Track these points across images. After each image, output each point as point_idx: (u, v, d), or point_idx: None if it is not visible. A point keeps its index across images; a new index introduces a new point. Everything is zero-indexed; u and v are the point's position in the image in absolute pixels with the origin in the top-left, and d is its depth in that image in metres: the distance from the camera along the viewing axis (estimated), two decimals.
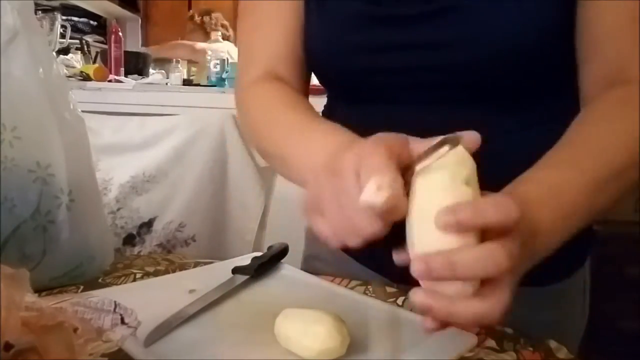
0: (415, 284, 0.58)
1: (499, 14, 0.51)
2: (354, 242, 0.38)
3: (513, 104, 0.57)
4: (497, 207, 0.34)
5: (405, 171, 0.38)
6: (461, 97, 0.57)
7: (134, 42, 4.00)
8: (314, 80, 0.72)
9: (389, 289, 0.64)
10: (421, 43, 0.55)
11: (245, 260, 0.69)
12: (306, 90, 0.69)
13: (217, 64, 1.79)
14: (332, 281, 0.66)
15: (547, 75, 0.55)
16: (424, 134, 0.60)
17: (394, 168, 0.36)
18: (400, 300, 0.61)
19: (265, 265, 0.67)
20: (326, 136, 0.50)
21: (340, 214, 0.38)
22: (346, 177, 0.37)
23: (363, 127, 0.64)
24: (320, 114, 0.74)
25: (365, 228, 0.37)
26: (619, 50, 0.51)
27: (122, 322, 0.51)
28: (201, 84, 1.96)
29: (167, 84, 1.87)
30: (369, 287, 0.65)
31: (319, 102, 0.75)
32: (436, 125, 0.59)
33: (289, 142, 0.54)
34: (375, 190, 0.34)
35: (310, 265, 0.76)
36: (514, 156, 0.47)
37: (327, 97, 0.73)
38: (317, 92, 0.74)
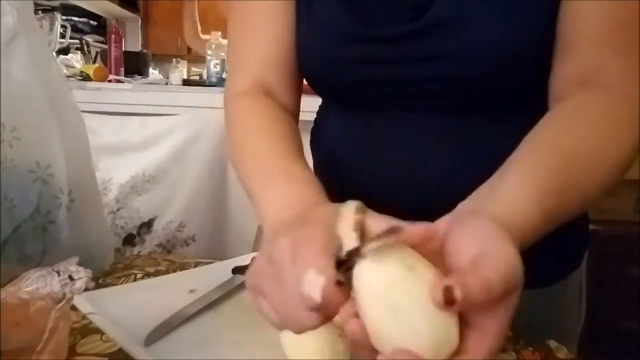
0: None
1: (485, 29, 0.51)
2: (297, 331, 0.36)
3: (505, 110, 0.57)
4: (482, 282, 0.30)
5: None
6: (452, 106, 0.57)
7: (134, 42, 4.00)
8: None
9: None
10: (411, 58, 0.55)
11: (245, 260, 0.69)
12: (297, 98, 0.66)
13: (217, 64, 1.79)
14: None
15: (536, 83, 0.56)
16: (418, 140, 0.60)
17: (328, 259, 0.32)
18: None
19: None
20: (284, 195, 0.45)
21: (283, 300, 0.35)
22: (282, 266, 0.34)
23: (357, 132, 0.64)
24: (316, 114, 0.74)
25: (303, 321, 0.34)
26: (597, 53, 0.50)
27: (71, 279, 0.51)
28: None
29: (167, 84, 1.87)
30: None
31: (315, 102, 0.75)
32: (429, 132, 0.59)
33: (254, 180, 0.51)
34: (312, 285, 0.31)
35: None
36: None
37: (322, 99, 0.73)
38: (312, 91, 0.74)
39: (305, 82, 0.67)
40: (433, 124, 0.58)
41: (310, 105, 0.78)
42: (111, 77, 1.76)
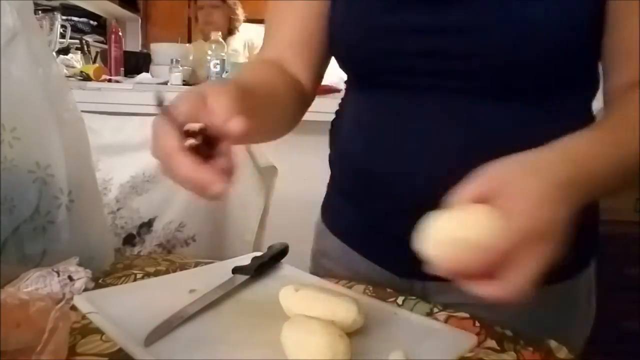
0: (421, 278, 0.60)
1: (532, 5, 0.51)
2: None
3: (536, 96, 0.57)
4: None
5: None
6: (477, 87, 0.57)
7: (134, 42, 4.00)
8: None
9: (390, 291, 0.64)
10: (448, 27, 0.55)
11: (245, 260, 0.69)
12: (313, 77, 0.69)
13: (217, 64, 1.79)
14: (335, 282, 0.66)
15: (571, 68, 0.56)
16: (438, 123, 0.60)
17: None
18: (400, 300, 0.61)
19: (265, 265, 0.67)
20: None
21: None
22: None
23: (378, 113, 0.64)
24: (338, 105, 0.75)
25: None
26: None
27: (71, 279, 0.52)
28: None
29: (167, 83, 1.87)
30: (369, 287, 0.65)
31: (318, 102, 0.75)
32: (451, 114, 0.59)
33: None
34: None
35: (318, 262, 0.76)
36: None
37: (345, 88, 0.73)
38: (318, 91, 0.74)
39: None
40: (455, 105, 0.58)
41: (314, 105, 0.78)
42: (104, 77, 1.75)
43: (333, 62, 0.71)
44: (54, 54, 1.80)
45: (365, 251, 0.70)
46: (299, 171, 1.40)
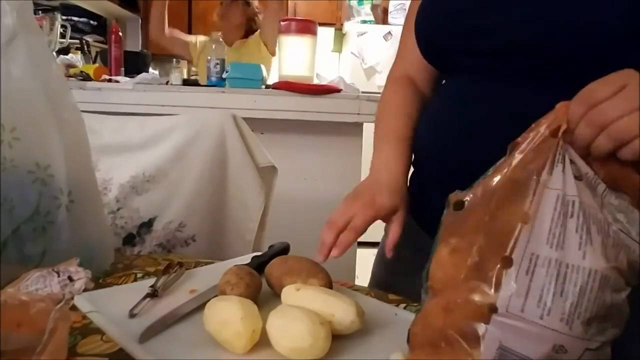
0: None
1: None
2: None
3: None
4: None
5: None
6: (549, 76, 0.60)
7: (134, 42, 4.00)
8: (317, 79, 0.71)
9: (392, 297, 0.64)
10: (520, 21, 0.59)
11: (245, 260, 0.69)
12: (432, 83, 0.84)
13: (217, 64, 1.79)
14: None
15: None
16: (522, 110, 0.61)
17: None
18: (401, 307, 0.61)
19: (265, 264, 0.67)
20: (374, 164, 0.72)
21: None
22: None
23: (464, 101, 0.69)
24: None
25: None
26: None
27: (71, 280, 0.52)
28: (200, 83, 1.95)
29: (167, 83, 1.87)
30: (371, 292, 0.65)
31: (318, 102, 0.75)
32: (530, 103, 0.60)
33: (376, 142, 0.76)
34: None
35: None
36: None
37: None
38: (318, 91, 0.74)
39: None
40: (519, 93, 0.61)
41: (317, 104, 0.78)
42: (104, 76, 1.75)
43: (332, 62, 0.71)
44: (54, 54, 1.80)
45: (432, 233, 0.72)
46: (299, 171, 1.40)
